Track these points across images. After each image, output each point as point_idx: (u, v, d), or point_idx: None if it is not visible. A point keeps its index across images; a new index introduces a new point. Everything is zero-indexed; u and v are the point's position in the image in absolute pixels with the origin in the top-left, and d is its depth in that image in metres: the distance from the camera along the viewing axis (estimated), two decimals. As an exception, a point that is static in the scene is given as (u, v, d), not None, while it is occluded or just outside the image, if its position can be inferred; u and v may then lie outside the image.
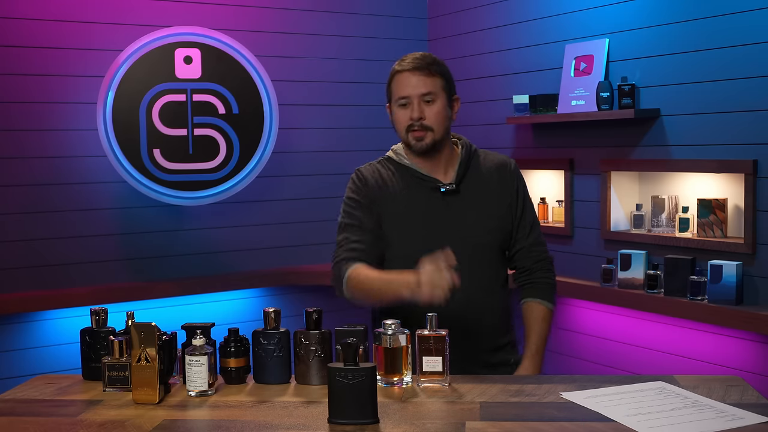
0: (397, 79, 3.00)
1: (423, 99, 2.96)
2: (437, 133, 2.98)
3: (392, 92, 3.03)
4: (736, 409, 2.25)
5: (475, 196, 3.03)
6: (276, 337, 2.58)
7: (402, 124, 2.99)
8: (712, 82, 4.28)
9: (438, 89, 2.99)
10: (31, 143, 4.91)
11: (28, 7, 4.86)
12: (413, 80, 2.96)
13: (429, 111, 2.97)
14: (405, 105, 2.98)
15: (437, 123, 2.98)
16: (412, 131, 2.96)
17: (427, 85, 2.96)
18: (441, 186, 2.99)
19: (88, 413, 2.34)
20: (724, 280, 4.13)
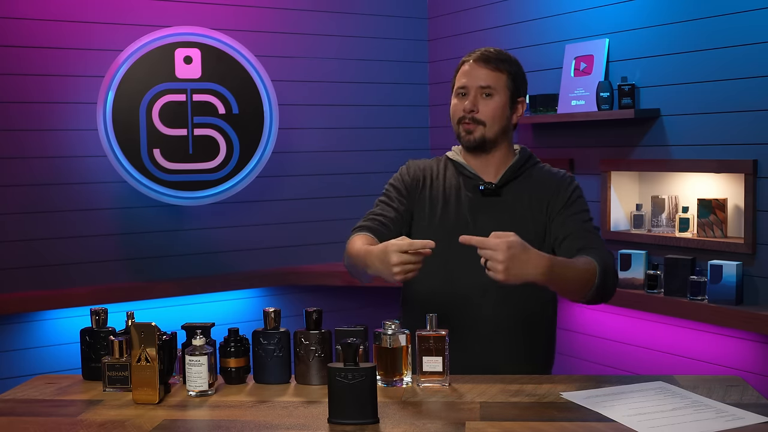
0: (462, 68, 2.94)
1: (481, 92, 2.88)
2: (489, 130, 2.89)
3: (454, 82, 2.97)
4: (736, 409, 2.24)
5: (516, 203, 2.92)
6: (276, 337, 2.57)
7: (455, 114, 2.93)
8: (712, 82, 4.28)
9: (500, 85, 2.89)
10: (31, 143, 4.91)
11: (28, 7, 4.86)
12: (475, 71, 2.89)
13: (485, 105, 2.88)
14: (462, 95, 2.91)
15: (491, 119, 2.88)
16: (464, 123, 2.90)
17: (489, 78, 2.88)
18: (481, 184, 2.92)
19: (88, 413, 2.34)
20: (724, 280, 4.13)
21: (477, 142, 2.89)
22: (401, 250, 2.49)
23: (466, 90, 2.89)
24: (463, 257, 2.77)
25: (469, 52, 2.95)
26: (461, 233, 2.70)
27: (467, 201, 2.92)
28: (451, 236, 2.73)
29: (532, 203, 2.92)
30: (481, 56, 2.90)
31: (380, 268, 2.56)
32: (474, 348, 2.86)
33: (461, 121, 2.90)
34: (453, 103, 2.94)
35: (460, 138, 2.94)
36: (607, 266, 2.75)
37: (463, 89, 2.90)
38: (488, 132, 2.88)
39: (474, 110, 2.87)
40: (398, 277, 2.51)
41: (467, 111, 2.87)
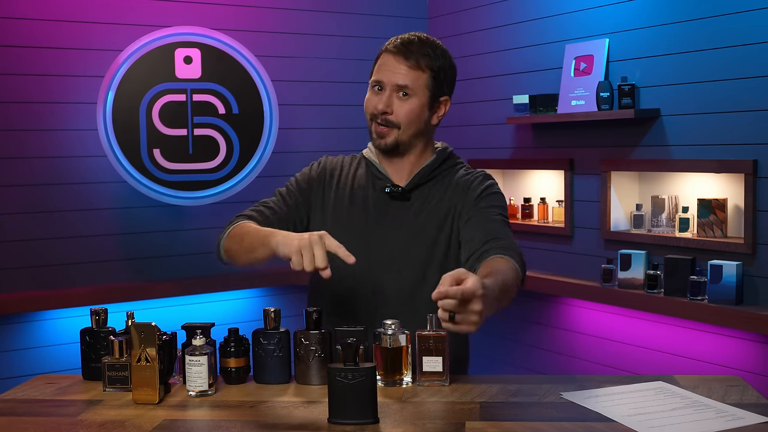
0: (382, 58, 2.71)
1: (398, 90, 2.67)
2: (403, 133, 2.69)
3: (373, 71, 2.75)
4: (736, 409, 2.24)
5: (423, 208, 2.74)
6: (276, 337, 2.56)
7: (368, 109, 2.73)
8: (712, 82, 4.28)
9: (419, 85, 2.68)
10: (31, 143, 4.91)
11: (28, 7, 4.86)
12: (393, 66, 2.67)
13: (400, 106, 2.67)
14: (378, 90, 2.71)
15: (406, 121, 2.68)
16: (376, 123, 2.71)
17: (407, 77, 2.66)
18: (388, 186, 2.73)
19: (88, 413, 2.33)
20: (724, 280, 4.13)
21: (389, 146, 2.71)
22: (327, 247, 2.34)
23: (382, 85, 2.69)
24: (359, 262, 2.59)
25: (393, 39, 2.72)
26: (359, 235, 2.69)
27: (373, 203, 2.76)
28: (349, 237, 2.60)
29: (440, 210, 2.73)
30: (403, 47, 2.67)
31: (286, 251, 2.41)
32: None
33: (374, 119, 2.71)
34: (368, 95, 2.74)
35: (372, 139, 2.75)
36: (520, 255, 2.57)
37: (378, 84, 2.70)
38: (402, 135, 2.69)
39: (387, 111, 2.67)
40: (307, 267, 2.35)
41: (380, 111, 2.68)
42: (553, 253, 5.17)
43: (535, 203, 5.35)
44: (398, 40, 2.70)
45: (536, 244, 5.26)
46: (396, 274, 2.73)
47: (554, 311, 5.23)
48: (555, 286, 4.98)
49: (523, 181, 5.51)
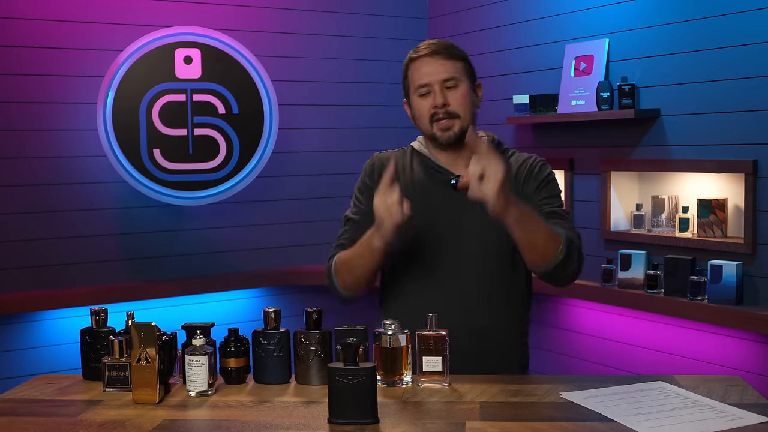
0: (414, 66, 2.79)
1: (445, 85, 2.74)
2: (464, 120, 2.76)
3: (410, 82, 2.82)
4: (736, 409, 2.24)
5: None
6: (276, 337, 2.57)
7: (425, 114, 2.77)
8: (712, 82, 4.28)
9: (461, 73, 2.77)
10: (31, 143, 4.91)
11: (28, 7, 4.86)
12: (433, 65, 2.75)
13: (453, 97, 2.75)
14: (426, 94, 2.76)
15: (463, 108, 2.76)
16: (437, 120, 2.75)
17: (449, 69, 2.75)
18: (451, 178, 2.72)
19: (88, 413, 2.33)
20: (724, 280, 4.13)
21: (456, 136, 2.76)
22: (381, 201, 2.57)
23: (429, 87, 2.75)
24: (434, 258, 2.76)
25: (414, 50, 2.82)
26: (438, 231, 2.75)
27: (438, 198, 2.81)
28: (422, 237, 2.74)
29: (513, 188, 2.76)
30: (433, 49, 2.77)
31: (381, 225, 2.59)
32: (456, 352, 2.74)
33: (434, 119, 2.76)
34: (417, 103, 2.79)
35: (435, 137, 2.78)
36: (573, 243, 2.68)
37: (425, 86, 2.76)
38: (464, 122, 2.76)
39: (446, 103, 2.74)
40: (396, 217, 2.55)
41: (439, 106, 2.74)
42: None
43: (535, 203, 5.32)
44: (422, 47, 2.81)
45: (536, 244, 5.24)
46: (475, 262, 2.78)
47: (554, 311, 5.23)
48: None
49: (523, 181, 5.47)
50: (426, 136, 2.85)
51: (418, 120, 2.82)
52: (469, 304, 2.76)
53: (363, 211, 2.86)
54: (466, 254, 2.78)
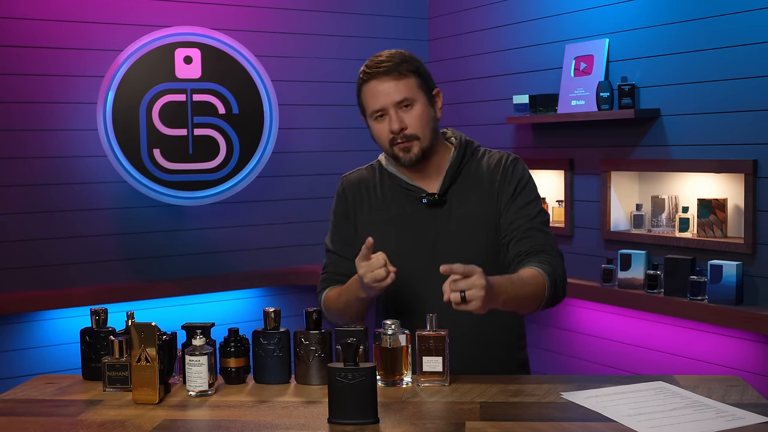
0: (366, 90, 2.72)
1: (400, 107, 2.67)
2: (424, 140, 2.69)
3: (365, 106, 2.76)
4: (736, 409, 2.23)
5: (463, 207, 2.75)
6: (276, 337, 2.56)
7: (383, 138, 2.72)
8: (712, 82, 4.27)
9: (413, 91, 2.69)
10: (32, 143, 4.91)
11: (28, 7, 4.85)
12: (384, 88, 2.68)
13: (409, 118, 2.67)
14: (381, 117, 2.70)
15: (421, 128, 2.69)
16: (396, 144, 2.69)
17: (401, 90, 2.67)
18: (423, 197, 2.73)
19: (88, 413, 2.33)
20: (724, 280, 4.13)
21: (418, 157, 2.70)
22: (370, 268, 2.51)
23: (384, 111, 2.69)
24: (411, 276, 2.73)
25: (364, 67, 2.74)
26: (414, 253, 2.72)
27: (411, 216, 2.77)
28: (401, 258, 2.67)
29: (480, 201, 2.76)
30: (380, 69, 2.68)
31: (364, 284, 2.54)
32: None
33: (394, 143, 2.70)
34: (375, 128, 2.74)
35: (398, 159, 2.73)
36: (557, 275, 2.66)
37: (379, 112, 2.70)
38: (424, 142, 2.69)
39: (403, 128, 2.67)
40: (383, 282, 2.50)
41: (396, 132, 2.67)
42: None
43: (536, 203, 5.32)
44: (371, 67, 2.72)
45: (536, 244, 5.24)
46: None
47: (554, 311, 5.22)
48: (555, 286, 4.95)
49: (523, 181, 5.47)
50: (389, 156, 2.80)
51: (378, 142, 2.77)
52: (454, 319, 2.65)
53: (341, 240, 2.85)
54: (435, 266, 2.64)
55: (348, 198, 2.86)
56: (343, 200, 2.88)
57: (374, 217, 2.80)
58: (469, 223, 2.75)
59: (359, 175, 2.90)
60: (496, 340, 2.80)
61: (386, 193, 2.81)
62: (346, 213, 2.85)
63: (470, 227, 2.74)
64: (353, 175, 2.91)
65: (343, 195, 2.89)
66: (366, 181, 2.86)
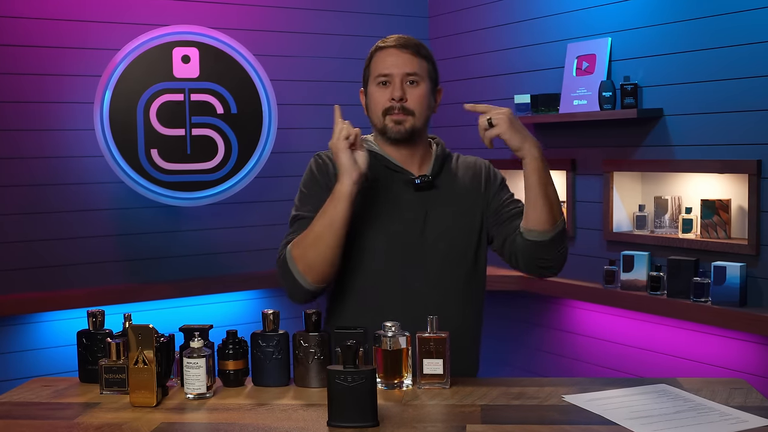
0: (379, 55, 2.78)
1: (407, 79, 2.72)
2: (418, 120, 2.74)
3: (371, 71, 2.80)
4: (740, 412, 2.24)
5: (450, 194, 2.81)
6: (275, 340, 2.56)
7: (379, 104, 2.75)
8: (715, 81, 4.26)
9: (424, 72, 2.75)
10: (28, 143, 4.89)
11: (24, 5, 4.84)
12: (398, 58, 2.73)
13: (412, 93, 2.72)
14: (385, 84, 2.75)
15: (420, 108, 2.73)
16: (392, 113, 2.73)
17: (414, 65, 2.73)
18: (416, 178, 2.76)
19: (85, 416, 2.33)
20: (727, 281, 4.11)
21: (407, 133, 2.74)
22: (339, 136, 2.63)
23: (390, 78, 2.73)
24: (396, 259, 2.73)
25: (381, 40, 2.81)
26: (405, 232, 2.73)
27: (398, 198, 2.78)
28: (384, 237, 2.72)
29: (468, 190, 2.85)
30: (401, 42, 2.75)
31: (347, 164, 2.62)
32: None
33: (389, 112, 2.73)
34: (374, 93, 2.77)
35: (386, 130, 2.76)
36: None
37: (386, 76, 2.74)
38: (417, 122, 2.74)
39: (404, 98, 2.72)
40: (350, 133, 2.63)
41: (396, 99, 2.71)
42: (555, 254, 5.15)
43: (537, 204, 5.31)
44: (392, 38, 2.79)
45: (538, 245, 5.24)
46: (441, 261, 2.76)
47: (556, 313, 5.22)
48: (557, 287, 4.96)
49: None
50: (375, 128, 2.83)
51: (371, 110, 2.81)
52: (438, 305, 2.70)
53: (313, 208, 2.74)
54: (431, 254, 2.76)
55: (330, 172, 2.79)
56: (324, 173, 2.80)
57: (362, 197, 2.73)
58: (457, 207, 2.81)
59: None
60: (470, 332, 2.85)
61: (372, 172, 2.77)
62: (328, 186, 2.74)
63: (458, 211, 2.81)
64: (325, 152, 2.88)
65: (324, 168, 2.81)
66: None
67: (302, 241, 2.66)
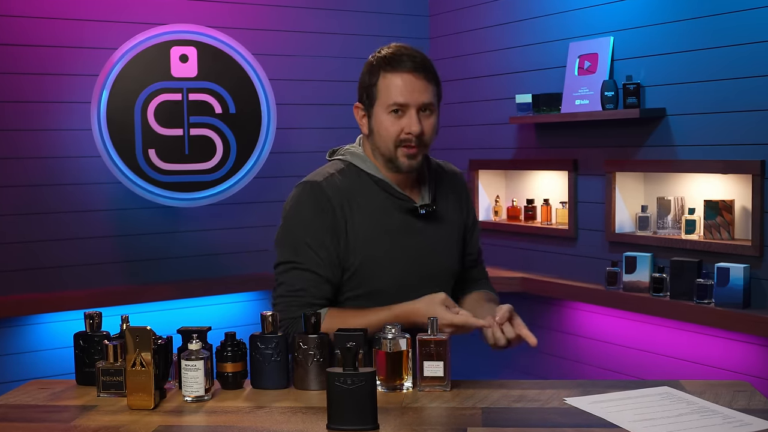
0: (392, 79, 2.61)
1: (421, 109, 2.61)
2: (428, 149, 2.67)
3: (380, 94, 2.63)
4: (744, 414, 2.23)
5: (444, 217, 2.78)
6: (274, 342, 2.54)
7: (392, 134, 2.61)
8: (718, 80, 4.25)
9: (436, 100, 2.65)
10: (25, 143, 4.89)
11: (20, 4, 4.84)
12: (415, 85, 2.60)
13: (426, 124, 2.61)
14: (397, 112, 2.60)
15: (432, 138, 2.65)
16: (406, 147, 2.61)
17: (429, 93, 2.61)
18: (420, 207, 2.69)
19: (82, 419, 2.31)
20: (731, 283, 4.10)
21: (419, 165, 2.67)
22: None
23: (405, 108, 2.60)
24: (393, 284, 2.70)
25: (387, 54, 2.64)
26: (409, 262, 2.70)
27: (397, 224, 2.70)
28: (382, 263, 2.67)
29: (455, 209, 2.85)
30: (417, 65, 2.60)
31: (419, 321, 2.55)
32: None
33: (403, 144, 2.61)
34: (384, 120, 2.62)
35: (396, 161, 2.64)
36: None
37: (400, 106, 2.60)
38: (427, 151, 2.68)
39: (423, 132, 2.61)
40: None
41: (415, 134, 2.59)
42: (557, 255, 5.15)
43: (538, 205, 5.33)
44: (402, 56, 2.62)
45: (539, 246, 5.24)
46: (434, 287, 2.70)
47: (558, 315, 5.22)
48: (558, 289, 4.97)
49: (525, 182, 5.49)
50: (382, 156, 2.68)
51: (380, 136, 2.65)
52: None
53: (329, 260, 2.66)
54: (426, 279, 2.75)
55: (337, 211, 2.67)
56: (330, 215, 2.67)
57: (370, 228, 2.68)
58: (452, 232, 2.83)
59: (338, 181, 2.71)
60: None
61: (375, 200, 2.70)
62: (336, 229, 2.66)
63: (453, 236, 2.83)
64: (330, 182, 2.71)
65: (330, 209, 2.67)
66: (350, 188, 2.70)
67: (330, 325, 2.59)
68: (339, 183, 2.70)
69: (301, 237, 2.71)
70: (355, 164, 2.74)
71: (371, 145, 2.72)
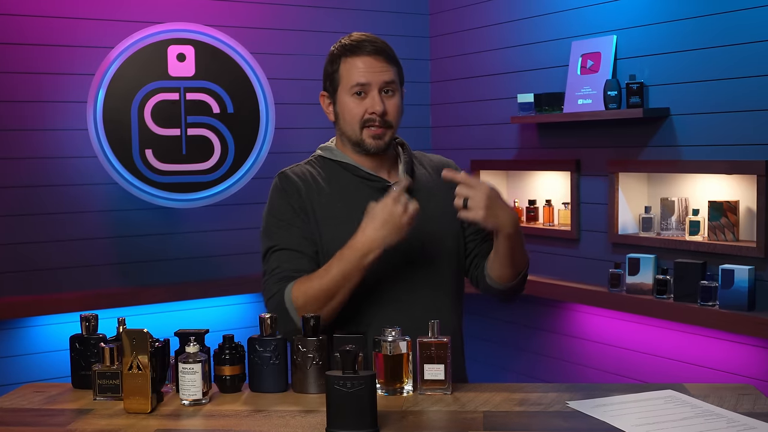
0: (352, 62, 2.67)
1: (384, 88, 2.65)
2: (395, 130, 2.71)
3: (341, 78, 2.69)
4: (748, 418, 2.21)
5: (426, 198, 2.73)
6: (272, 344, 2.53)
7: (356, 116, 2.65)
8: (723, 80, 4.25)
9: (397, 79, 2.70)
10: (20, 143, 4.89)
11: (16, 2, 4.84)
12: (374, 66, 2.65)
13: (389, 104, 2.66)
14: (360, 94, 2.66)
15: (397, 119, 2.69)
16: (370, 127, 2.66)
17: (390, 73, 2.66)
18: (392, 184, 2.65)
19: (78, 423, 2.30)
20: (735, 285, 4.09)
21: (386, 146, 2.70)
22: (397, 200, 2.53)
23: (367, 88, 2.65)
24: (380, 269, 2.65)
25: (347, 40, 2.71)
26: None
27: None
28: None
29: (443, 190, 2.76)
30: (376, 48, 2.66)
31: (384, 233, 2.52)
32: None
33: (368, 125, 2.66)
34: (348, 103, 2.67)
35: (363, 143, 2.68)
36: None
37: (362, 86, 2.64)
38: (393, 132, 2.71)
39: (385, 112, 2.65)
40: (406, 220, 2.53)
41: (378, 113, 2.64)
42: (559, 257, 5.14)
43: (540, 205, 5.32)
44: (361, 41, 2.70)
45: (541, 247, 5.23)
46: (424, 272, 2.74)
47: (560, 317, 5.22)
48: (561, 291, 4.97)
49: (527, 182, 5.48)
50: (349, 139, 2.72)
51: (345, 120, 2.70)
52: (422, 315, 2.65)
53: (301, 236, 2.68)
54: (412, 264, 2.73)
55: (302, 192, 2.71)
56: (295, 196, 2.71)
57: (338, 209, 2.69)
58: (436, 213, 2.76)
59: (303, 169, 2.78)
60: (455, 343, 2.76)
61: (343, 183, 2.73)
62: (303, 208, 2.69)
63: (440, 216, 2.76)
64: (297, 169, 2.78)
65: (294, 190, 2.72)
66: (314, 174, 2.76)
67: (307, 293, 2.60)
68: (305, 170, 2.77)
69: (273, 223, 2.74)
70: (324, 156, 2.80)
71: (338, 131, 2.78)
